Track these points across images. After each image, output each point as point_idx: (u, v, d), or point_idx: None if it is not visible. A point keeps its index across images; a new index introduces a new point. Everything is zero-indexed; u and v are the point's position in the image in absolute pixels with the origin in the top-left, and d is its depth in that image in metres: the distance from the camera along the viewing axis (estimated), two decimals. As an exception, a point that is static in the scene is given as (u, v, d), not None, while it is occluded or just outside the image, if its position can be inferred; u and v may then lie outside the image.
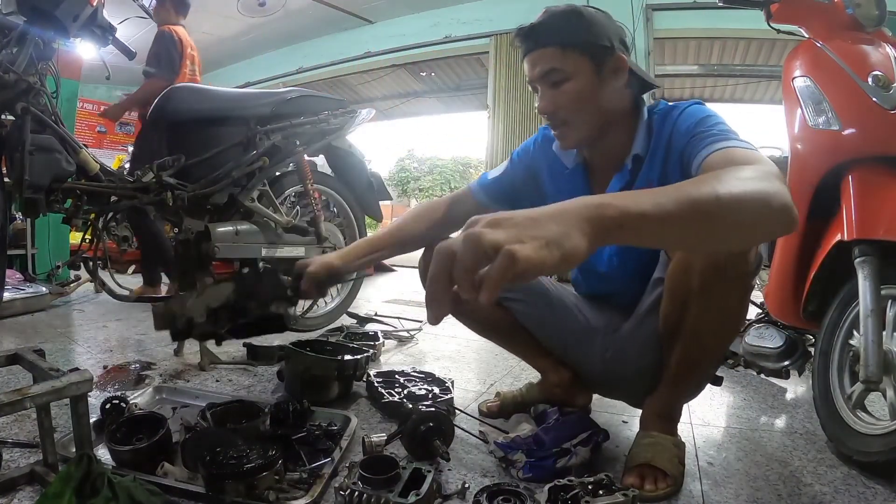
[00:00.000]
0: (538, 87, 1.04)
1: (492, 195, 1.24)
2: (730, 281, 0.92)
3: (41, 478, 0.85)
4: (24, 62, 1.45)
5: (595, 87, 1.01)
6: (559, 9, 1.02)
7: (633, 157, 1.04)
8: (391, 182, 28.56)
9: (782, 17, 1.43)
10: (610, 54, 1.00)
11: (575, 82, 1.00)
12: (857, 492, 0.98)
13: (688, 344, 1.00)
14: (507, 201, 1.23)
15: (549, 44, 1.00)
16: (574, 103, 1.01)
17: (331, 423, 1.14)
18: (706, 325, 0.98)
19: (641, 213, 0.51)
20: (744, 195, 0.60)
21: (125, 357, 1.78)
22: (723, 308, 0.96)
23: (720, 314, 0.97)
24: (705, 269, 0.92)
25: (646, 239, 0.56)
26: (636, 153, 1.04)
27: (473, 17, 5.35)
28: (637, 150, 1.04)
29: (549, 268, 0.46)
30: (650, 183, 1.01)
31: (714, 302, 0.94)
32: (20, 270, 3.15)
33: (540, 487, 0.86)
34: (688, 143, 0.94)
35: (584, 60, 0.99)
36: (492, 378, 1.68)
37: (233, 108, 1.82)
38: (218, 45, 6.66)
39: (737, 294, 0.96)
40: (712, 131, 0.90)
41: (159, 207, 1.65)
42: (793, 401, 1.59)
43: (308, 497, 0.84)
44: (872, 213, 1.14)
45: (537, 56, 1.02)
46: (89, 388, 0.85)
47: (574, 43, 0.99)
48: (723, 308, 0.96)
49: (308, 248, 2.00)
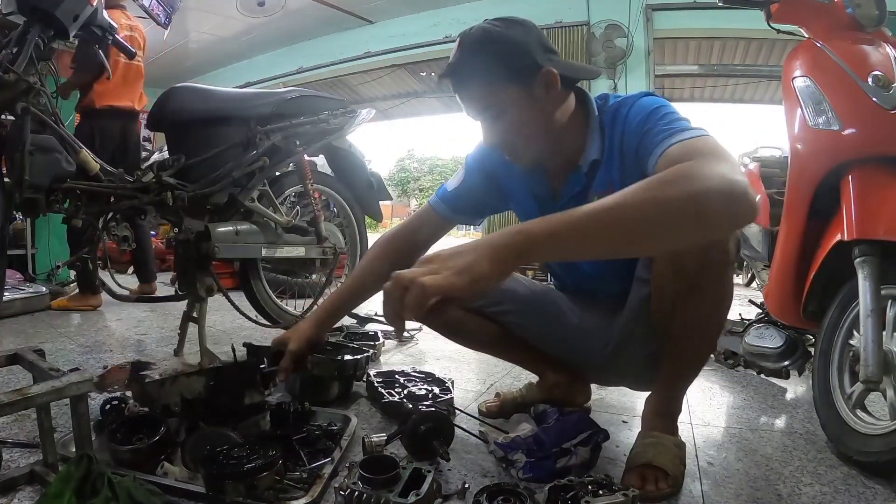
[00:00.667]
0: (478, 121, 1.03)
1: (454, 208, 1.22)
2: (714, 275, 0.94)
3: (41, 478, 0.85)
4: (24, 62, 1.45)
5: (532, 110, 0.99)
6: (472, 37, 0.98)
7: (590, 163, 1.03)
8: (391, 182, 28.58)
9: (782, 17, 1.43)
10: (535, 72, 0.97)
11: (511, 113, 0.98)
12: (857, 492, 0.98)
13: (682, 338, 1.01)
14: (471, 210, 1.23)
15: (473, 85, 0.99)
16: (517, 132, 1.00)
17: (331, 424, 1.14)
18: (697, 319, 0.99)
19: (550, 233, 0.64)
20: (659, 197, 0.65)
21: (125, 357, 1.78)
22: (711, 302, 0.97)
23: (709, 307, 0.98)
24: (689, 268, 0.92)
25: (563, 254, 0.71)
26: (593, 158, 1.02)
27: (473, 17, 5.31)
28: (594, 154, 1.02)
29: (458, 290, 0.61)
30: (610, 185, 1.00)
31: (702, 298, 0.96)
32: (20, 270, 3.15)
33: (540, 487, 0.86)
34: (640, 140, 0.93)
35: (513, 89, 0.97)
36: (492, 378, 1.68)
37: (233, 108, 1.81)
38: (218, 45, 6.67)
39: (721, 285, 0.97)
40: (662, 125, 0.89)
41: (159, 207, 1.65)
42: (793, 401, 1.59)
43: (308, 497, 0.84)
44: (872, 213, 1.14)
45: (467, 97, 1.01)
46: (89, 388, 0.85)
47: (497, 78, 0.96)
48: (711, 302, 0.97)
49: (308, 248, 2.00)
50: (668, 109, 0.94)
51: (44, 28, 1.49)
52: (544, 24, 4.80)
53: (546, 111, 1.00)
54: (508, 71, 0.96)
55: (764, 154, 2.13)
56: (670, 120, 0.90)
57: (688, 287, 0.95)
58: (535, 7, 4.85)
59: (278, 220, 1.89)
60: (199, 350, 1.66)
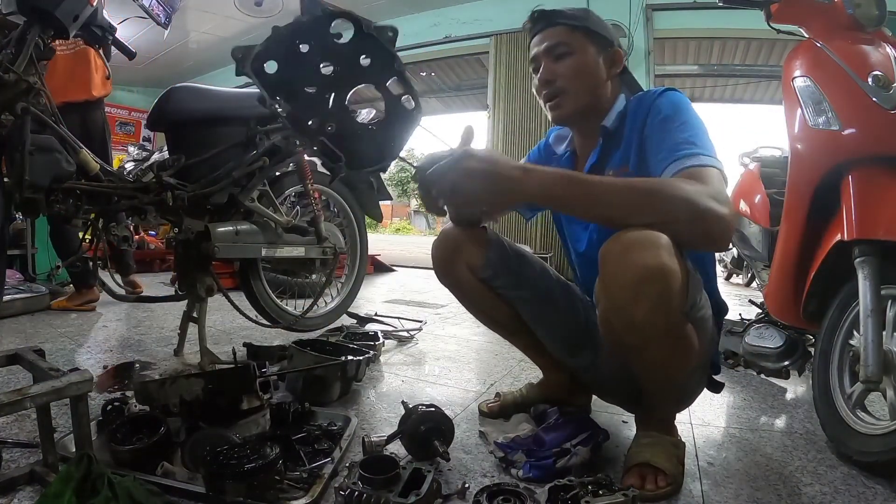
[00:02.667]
0: (542, 61, 1.10)
1: None
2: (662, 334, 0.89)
3: (41, 478, 0.85)
4: (24, 62, 1.44)
5: (594, 67, 1.10)
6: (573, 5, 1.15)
7: (601, 130, 1.11)
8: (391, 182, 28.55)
9: (782, 17, 1.43)
10: (610, 46, 1.11)
11: (577, 57, 1.08)
12: (857, 492, 0.98)
13: (644, 382, 1.01)
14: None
15: (559, 23, 1.10)
16: (573, 75, 1.08)
17: (331, 423, 1.14)
18: (653, 370, 0.97)
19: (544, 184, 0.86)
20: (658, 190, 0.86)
21: (125, 357, 1.78)
22: (663, 357, 0.94)
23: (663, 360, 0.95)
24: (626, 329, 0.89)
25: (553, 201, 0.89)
26: (604, 125, 1.10)
27: (473, 17, 5.35)
28: (606, 122, 1.10)
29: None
30: (624, 165, 1.07)
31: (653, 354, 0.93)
32: (20, 270, 3.15)
33: (540, 487, 0.86)
34: (655, 141, 1.00)
35: (589, 43, 1.09)
36: (492, 378, 1.68)
37: (233, 108, 1.81)
38: (218, 45, 6.66)
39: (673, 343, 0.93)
40: (679, 138, 0.95)
41: (159, 207, 1.65)
42: (793, 401, 1.59)
43: (308, 497, 0.84)
44: (872, 213, 1.14)
45: (546, 34, 1.11)
46: (89, 388, 0.85)
47: (582, 26, 1.09)
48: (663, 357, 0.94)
49: (308, 248, 2.00)
50: (686, 117, 0.99)
51: (44, 28, 1.49)
52: (544, 24, 4.80)
53: (601, 76, 1.11)
54: (591, 31, 1.10)
55: (764, 154, 2.13)
56: (687, 134, 0.96)
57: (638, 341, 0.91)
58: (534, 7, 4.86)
59: (278, 220, 1.89)
60: (199, 350, 1.66)
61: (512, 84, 5.02)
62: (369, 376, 1.62)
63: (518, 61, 4.99)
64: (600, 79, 1.10)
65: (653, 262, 0.81)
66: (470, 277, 1.18)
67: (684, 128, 0.97)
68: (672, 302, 0.86)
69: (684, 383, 1.03)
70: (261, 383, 1.13)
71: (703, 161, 0.91)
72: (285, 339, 2.00)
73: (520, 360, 1.83)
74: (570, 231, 1.25)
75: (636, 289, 0.83)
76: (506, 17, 5.06)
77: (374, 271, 4.78)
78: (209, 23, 5.99)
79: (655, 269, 0.82)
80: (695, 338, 0.96)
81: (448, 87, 7.42)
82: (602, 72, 1.10)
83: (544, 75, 1.10)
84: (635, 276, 0.82)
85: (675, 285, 0.84)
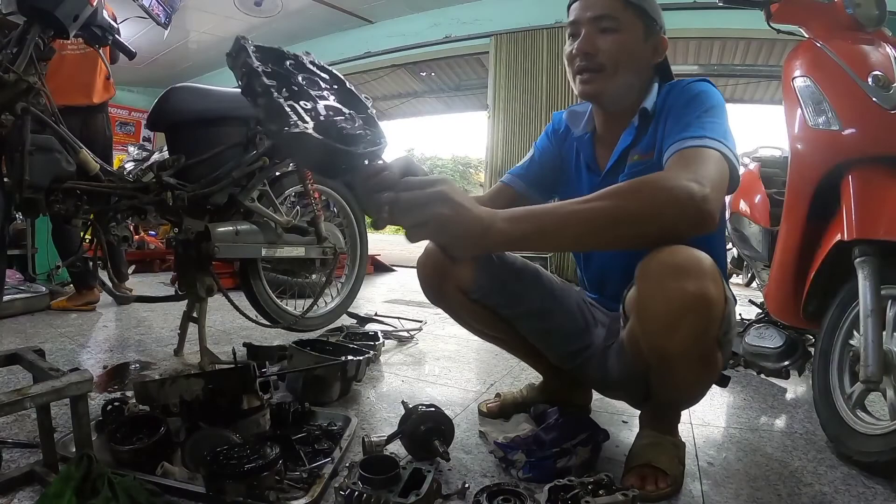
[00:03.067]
0: (583, 29, 1.03)
1: (527, 180, 1.23)
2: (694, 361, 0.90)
3: (41, 478, 0.85)
4: (24, 62, 1.44)
5: (639, 50, 1.04)
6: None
7: (640, 111, 1.05)
8: (391, 182, 28.48)
9: (782, 17, 1.43)
10: (657, 32, 1.05)
11: (624, 35, 1.02)
12: (857, 492, 0.98)
13: (658, 392, 1.01)
14: (544, 182, 1.24)
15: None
16: (616, 53, 1.02)
17: (331, 423, 1.14)
18: (673, 389, 0.99)
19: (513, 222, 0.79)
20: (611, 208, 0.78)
21: (125, 357, 1.78)
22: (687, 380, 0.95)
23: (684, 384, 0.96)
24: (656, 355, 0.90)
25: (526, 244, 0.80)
26: (644, 106, 1.05)
27: (473, 17, 5.35)
28: (647, 104, 1.05)
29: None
30: (650, 150, 1.03)
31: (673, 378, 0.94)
32: (20, 270, 3.15)
33: (540, 487, 0.86)
34: (673, 119, 0.98)
35: (639, 23, 1.03)
36: (492, 378, 1.68)
37: (233, 108, 1.81)
38: (218, 45, 6.66)
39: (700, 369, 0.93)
40: (692, 117, 0.93)
41: (159, 207, 1.65)
42: (793, 401, 1.59)
43: (308, 497, 0.84)
44: (872, 213, 1.14)
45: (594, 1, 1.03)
46: (89, 388, 0.85)
47: (637, 4, 1.02)
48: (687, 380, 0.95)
49: (308, 248, 2.00)
50: (710, 103, 0.96)
51: (44, 28, 1.49)
52: (544, 25, 4.80)
53: (644, 64, 1.06)
54: (644, 12, 1.03)
55: (764, 154, 2.13)
56: (702, 114, 0.93)
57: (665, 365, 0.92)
58: (534, 7, 4.86)
59: (278, 220, 1.89)
60: (199, 350, 1.66)
61: (512, 84, 5.02)
62: (369, 376, 1.62)
63: (518, 61, 4.99)
64: (643, 64, 1.05)
65: (696, 292, 0.79)
66: (462, 299, 1.11)
67: (698, 112, 0.95)
68: (710, 333, 0.86)
69: (699, 393, 1.03)
70: (261, 383, 1.13)
71: (701, 142, 0.88)
72: (285, 339, 2.00)
73: (520, 361, 1.82)
74: None
75: (675, 319, 0.82)
76: (506, 17, 5.06)
77: (374, 271, 4.78)
78: (209, 23, 5.99)
79: (698, 301, 0.80)
80: (721, 359, 0.96)
81: (448, 87, 7.42)
82: (646, 57, 1.05)
83: (584, 45, 1.02)
84: (676, 306, 0.81)
85: (717, 316, 0.84)
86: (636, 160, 1.05)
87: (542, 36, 4.83)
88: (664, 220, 0.78)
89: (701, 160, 0.85)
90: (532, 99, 4.93)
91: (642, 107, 1.05)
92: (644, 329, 0.89)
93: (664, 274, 0.81)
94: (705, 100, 0.97)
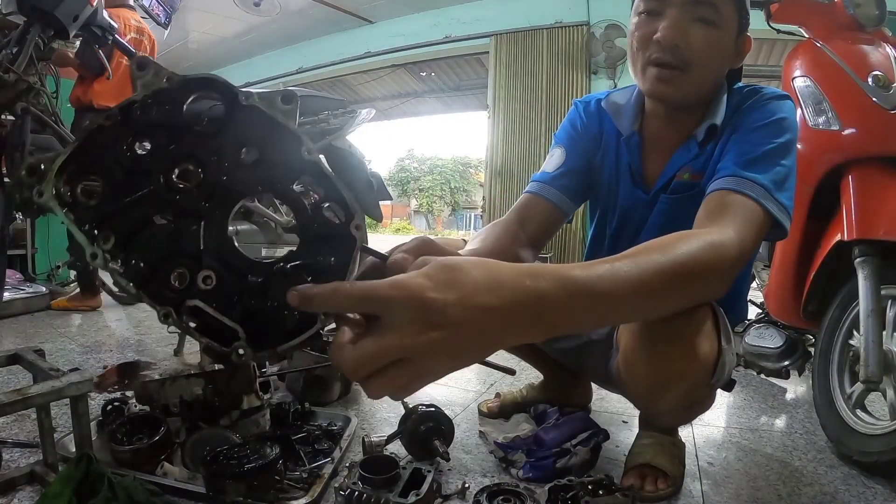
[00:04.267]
0: (670, 11, 0.84)
1: (566, 191, 1.02)
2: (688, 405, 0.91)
3: (41, 478, 0.85)
4: (24, 62, 1.45)
5: (729, 51, 0.89)
6: None
7: (707, 127, 0.91)
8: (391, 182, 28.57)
9: (782, 17, 1.43)
10: (746, 30, 0.91)
11: (721, 31, 0.86)
12: (857, 492, 0.98)
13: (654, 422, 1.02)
14: (580, 194, 1.06)
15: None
16: (709, 51, 0.86)
17: (331, 423, 1.14)
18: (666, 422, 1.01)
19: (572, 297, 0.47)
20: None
21: (125, 357, 1.78)
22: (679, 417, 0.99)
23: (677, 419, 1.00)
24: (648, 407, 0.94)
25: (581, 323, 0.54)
26: (713, 122, 0.91)
27: (473, 17, 5.35)
28: (715, 119, 0.90)
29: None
30: (702, 169, 0.92)
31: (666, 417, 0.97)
32: (20, 270, 3.14)
33: (540, 487, 0.86)
34: (734, 146, 0.86)
35: (735, 18, 0.88)
36: (492, 378, 1.68)
37: (233, 108, 1.81)
38: (218, 45, 6.67)
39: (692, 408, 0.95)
40: (749, 149, 0.82)
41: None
42: (793, 401, 1.59)
43: (308, 497, 0.84)
44: (872, 213, 1.14)
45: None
46: (89, 388, 0.85)
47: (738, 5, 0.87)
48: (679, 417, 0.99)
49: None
50: (785, 136, 0.84)
51: (44, 28, 1.49)
52: (544, 25, 4.80)
53: (728, 65, 0.91)
54: (742, 6, 0.88)
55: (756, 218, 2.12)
56: (766, 154, 0.81)
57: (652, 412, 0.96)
58: (535, 7, 4.85)
59: (278, 220, 1.90)
60: (199, 350, 1.66)
61: (512, 84, 5.02)
62: (369, 376, 1.62)
63: (518, 61, 4.98)
64: (727, 66, 0.91)
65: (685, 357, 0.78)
66: None
67: (769, 146, 0.82)
68: (700, 386, 0.86)
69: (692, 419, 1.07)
70: (261, 383, 1.13)
71: (757, 196, 0.76)
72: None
73: (520, 360, 1.82)
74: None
75: (662, 386, 0.83)
76: (506, 17, 5.06)
77: (374, 271, 4.77)
78: (209, 23, 6.00)
79: (688, 366, 0.79)
80: (714, 395, 0.96)
81: (448, 87, 7.43)
82: (731, 58, 0.90)
83: (674, 34, 0.83)
84: (663, 375, 0.81)
85: (708, 370, 0.83)
86: (686, 179, 0.95)
87: (542, 36, 4.82)
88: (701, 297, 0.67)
89: (748, 220, 0.74)
90: (532, 99, 4.92)
91: (711, 123, 0.91)
92: (630, 387, 0.91)
93: (651, 333, 0.79)
94: (780, 131, 0.84)
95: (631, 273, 0.51)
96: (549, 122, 4.83)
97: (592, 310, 0.49)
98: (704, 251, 0.61)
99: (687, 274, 0.59)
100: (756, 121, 0.86)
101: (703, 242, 0.62)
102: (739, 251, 0.68)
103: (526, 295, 0.43)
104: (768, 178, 0.78)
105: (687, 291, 0.61)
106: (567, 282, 0.46)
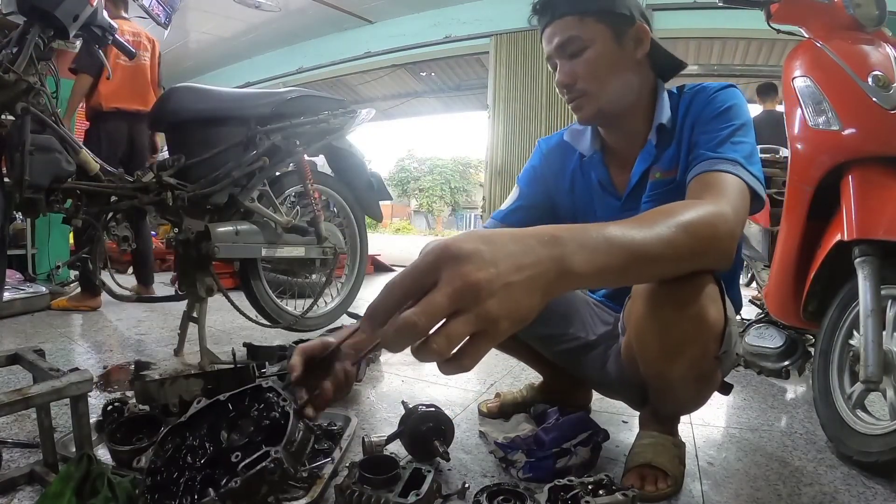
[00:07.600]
0: (556, 61, 0.99)
1: (518, 224, 1.12)
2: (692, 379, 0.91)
3: (41, 478, 0.85)
4: (24, 62, 1.45)
5: (615, 56, 0.96)
6: None
7: (657, 127, 0.99)
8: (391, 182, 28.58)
9: (782, 17, 1.43)
10: (630, 23, 0.96)
11: (593, 50, 0.95)
12: (857, 492, 0.98)
13: (656, 402, 1.02)
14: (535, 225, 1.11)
15: (565, 13, 0.96)
16: (593, 71, 0.96)
17: (331, 424, 1.14)
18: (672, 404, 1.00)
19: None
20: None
21: (125, 357, 1.78)
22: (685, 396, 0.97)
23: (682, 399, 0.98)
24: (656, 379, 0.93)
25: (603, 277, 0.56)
26: (660, 122, 0.99)
27: (473, 17, 5.35)
28: (662, 119, 0.99)
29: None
30: (675, 166, 0.98)
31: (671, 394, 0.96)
32: (20, 270, 3.15)
33: (540, 487, 0.86)
34: (699, 136, 0.92)
35: (603, 28, 0.95)
36: (492, 378, 1.68)
37: (233, 108, 1.81)
38: (218, 45, 6.68)
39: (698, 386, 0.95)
40: (720, 138, 0.88)
41: (159, 207, 1.65)
42: (793, 401, 1.59)
43: (308, 497, 0.84)
44: (872, 213, 1.14)
45: (554, 28, 0.98)
46: (89, 388, 0.85)
47: (591, 10, 0.95)
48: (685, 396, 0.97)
49: (308, 248, 2.00)
50: (741, 119, 0.91)
51: (44, 28, 1.49)
52: (544, 24, 4.80)
53: (627, 65, 0.98)
54: (603, 9, 0.95)
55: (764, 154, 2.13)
56: (733, 133, 0.88)
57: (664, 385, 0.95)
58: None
59: (278, 220, 1.89)
60: (199, 350, 1.66)
61: (512, 84, 5.02)
62: (369, 376, 1.62)
63: (518, 61, 4.99)
64: (625, 67, 0.97)
65: (694, 320, 0.78)
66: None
67: (729, 129, 0.89)
68: (709, 355, 0.86)
69: (698, 405, 1.04)
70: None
71: (735, 170, 0.82)
72: (285, 339, 2.00)
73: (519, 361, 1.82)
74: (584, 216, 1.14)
75: (672, 350, 0.83)
76: (506, 17, 5.07)
77: (374, 271, 4.77)
78: (209, 23, 6.00)
79: (697, 329, 0.80)
80: (719, 374, 0.97)
81: (448, 87, 7.43)
82: (626, 58, 0.97)
83: (562, 78, 0.98)
84: (673, 337, 0.81)
85: (716, 338, 0.84)
86: (658, 178, 1.01)
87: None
88: (708, 260, 0.68)
89: (733, 192, 0.78)
90: (532, 99, 4.93)
91: (659, 123, 0.99)
92: (641, 356, 0.90)
93: (661, 298, 0.79)
94: (735, 116, 0.92)
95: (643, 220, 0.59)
96: (549, 122, 4.83)
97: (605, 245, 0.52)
98: (708, 211, 0.67)
99: (696, 232, 0.63)
100: (712, 112, 0.94)
101: (704, 206, 0.68)
102: (735, 216, 0.73)
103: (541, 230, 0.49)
104: (738, 154, 0.85)
105: (696, 247, 0.63)
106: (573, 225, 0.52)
